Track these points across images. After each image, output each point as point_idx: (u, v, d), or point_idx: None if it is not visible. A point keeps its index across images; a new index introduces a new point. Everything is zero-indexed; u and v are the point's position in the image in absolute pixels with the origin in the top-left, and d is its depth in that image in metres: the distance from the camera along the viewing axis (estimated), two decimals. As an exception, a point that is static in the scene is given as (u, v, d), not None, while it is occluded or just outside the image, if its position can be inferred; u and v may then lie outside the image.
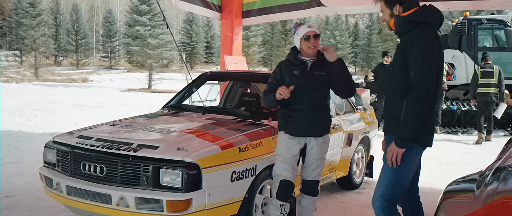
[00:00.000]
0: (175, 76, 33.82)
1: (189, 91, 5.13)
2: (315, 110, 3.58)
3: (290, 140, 3.57)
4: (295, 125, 3.55)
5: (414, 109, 2.77)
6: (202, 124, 4.01)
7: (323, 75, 3.59)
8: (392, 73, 3.06)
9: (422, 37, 2.80)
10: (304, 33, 3.54)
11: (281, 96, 3.41)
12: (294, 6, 7.81)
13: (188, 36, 51.07)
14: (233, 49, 8.06)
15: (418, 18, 2.88)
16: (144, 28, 30.40)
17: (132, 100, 18.12)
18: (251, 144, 3.61)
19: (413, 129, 2.78)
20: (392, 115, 2.96)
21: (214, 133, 3.68)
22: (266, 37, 46.94)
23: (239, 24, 8.18)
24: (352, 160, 5.37)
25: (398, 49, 2.95)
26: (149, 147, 3.29)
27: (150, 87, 25.13)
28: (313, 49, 3.56)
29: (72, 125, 9.85)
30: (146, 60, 27.47)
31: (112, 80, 30.52)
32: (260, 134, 3.84)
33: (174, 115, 4.45)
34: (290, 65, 3.61)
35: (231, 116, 4.34)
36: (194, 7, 7.62)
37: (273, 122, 4.14)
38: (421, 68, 2.77)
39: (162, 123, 4.08)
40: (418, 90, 2.76)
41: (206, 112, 4.49)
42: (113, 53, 49.05)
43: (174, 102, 4.91)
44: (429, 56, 2.78)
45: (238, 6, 8.13)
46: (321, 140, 3.66)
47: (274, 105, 3.62)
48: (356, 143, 5.34)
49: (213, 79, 5.51)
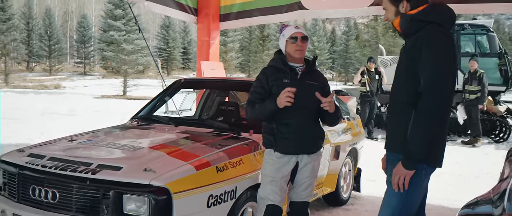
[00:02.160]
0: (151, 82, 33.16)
1: (161, 100, 4.64)
2: (308, 124, 3.13)
3: (279, 159, 3.09)
4: (286, 142, 3.08)
5: (424, 123, 2.35)
6: (175, 138, 3.53)
7: (315, 85, 3.15)
8: (396, 79, 2.64)
9: (433, 38, 2.40)
10: (291, 34, 3.10)
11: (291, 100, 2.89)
12: (274, 9, 7.40)
13: (165, 41, 50.31)
14: (210, 55, 7.61)
15: (428, 16, 2.47)
16: (119, 33, 29.74)
17: (106, 107, 17.51)
18: (231, 162, 3.15)
19: (423, 147, 2.36)
20: (396, 129, 2.54)
21: (188, 150, 3.20)
22: (244, 43, 46.55)
23: (216, 28, 7.73)
24: (340, 174, 4.96)
25: (404, 52, 2.54)
26: (110, 168, 2.80)
27: (125, 93, 24.47)
28: (300, 52, 3.11)
29: (38, 135, 9.26)
30: (121, 66, 26.78)
31: (86, 87, 29.76)
32: (240, 150, 3.38)
33: (143, 128, 3.95)
34: (277, 72, 3.13)
35: (207, 129, 3.87)
36: (168, 9, 7.13)
37: (254, 136, 3.69)
38: (432, 75, 2.36)
39: (128, 138, 3.58)
40: (428, 101, 2.35)
41: (179, 124, 4.01)
42: (87, 58, 48.03)
43: (144, 113, 4.42)
44: (442, 60, 2.37)
45: (215, 9, 7.69)
46: (314, 157, 3.21)
47: (265, 117, 3.11)
48: (343, 156, 4.93)
49: (187, 87, 5.02)
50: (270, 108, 2.99)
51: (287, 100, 2.89)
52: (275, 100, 2.95)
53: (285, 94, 2.89)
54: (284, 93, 2.90)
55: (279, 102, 2.93)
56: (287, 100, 2.89)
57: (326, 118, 3.19)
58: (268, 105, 3.00)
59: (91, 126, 10.08)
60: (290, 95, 2.88)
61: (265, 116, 3.07)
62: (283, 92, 2.90)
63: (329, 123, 3.28)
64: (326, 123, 3.27)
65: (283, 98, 2.89)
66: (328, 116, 3.14)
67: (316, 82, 3.17)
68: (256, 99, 3.10)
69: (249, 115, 3.14)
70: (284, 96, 2.89)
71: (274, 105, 2.96)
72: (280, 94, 2.92)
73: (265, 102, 3.03)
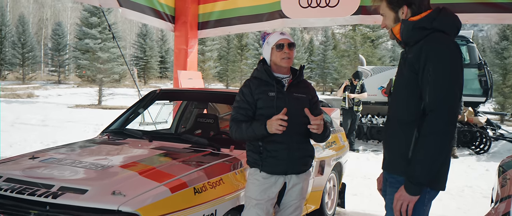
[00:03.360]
0: (128, 91, 32.61)
1: (134, 112, 4.32)
2: (297, 141, 2.85)
3: (266, 180, 2.81)
4: (274, 161, 2.79)
5: (432, 145, 2.10)
6: (148, 155, 3.22)
7: (303, 98, 2.89)
8: (396, 94, 2.39)
9: (439, 49, 2.15)
10: (276, 41, 2.83)
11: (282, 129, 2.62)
12: (255, 17, 7.17)
13: (142, 50, 49.68)
14: (188, 64, 7.32)
15: (433, 24, 2.23)
16: (94, 41, 29.13)
17: (80, 117, 17.00)
18: (210, 183, 2.85)
19: (430, 171, 2.12)
20: (397, 149, 2.28)
21: (163, 169, 2.90)
22: (222, 52, 46.33)
23: (194, 36, 7.46)
24: (324, 191, 4.70)
25: (405, 63, 2.28)
26: (74, 191, 2.48)
27: (100, 103, 23.89)
28: (287, 61, 2.84)
29: (6, 148, 8.80)
30: (96, 75, 26.18)
31: (59, 96, 29.08)
32: (220, 168, 3.09)
33: (114, 143, 3.62)
34: (262, 85, 2.85)
35: (184, 144, 3.57)
36: (144, 17, 6.83)
37: (236, 152, 3.42)
38: (440, 90, 2.12)
39: (96, 155, 3.25)
40: (438, 119, 2.10)
41: (153, 138, 3.70)
42: (62, 67, 47.04)
43: (115, 126, 4.09)
44: (450, 74, 2.13)
45: (193, 17, 7.43)
46: (303, 177, 2.93)
47: (252, 140, 2.81)
48: (328, 171, 4.68)
49: (163, 99, 4.71)
50: (260, 132, 2.70)
51: (278, 129, 2.62)
52: (265, 124, 2.67)
53: (277, 122, 2.61)
54: (276, 120, 2.62)
55: (269, 128, 2.65)
56: (278, 129, 2.62)
57: (314, 135, 2.92)
58: (257, 129, 2.71)
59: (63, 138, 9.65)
60: (282, 123, 2.61)
61: (253, 139, 2.79)
62: (275, 120, 2.62)
63: (317, 140, 3.01)
64: (314, 140, 3.01)
65: (274, 126, 2.62)
66: (317, 135, 2.88)
67: (304, 95, 2.91)
68: (241, 116, 2.82)
69: (234, 136, 2.83)
70: (275, 124, 2.61)
71: (264, 129, 2.68)
72: (271, 121, 2.64)
73: (253, 124, 2.73)
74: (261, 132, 2.69)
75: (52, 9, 67.93)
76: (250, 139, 2.80)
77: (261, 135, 2.71)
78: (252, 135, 2.73)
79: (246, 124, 2.76)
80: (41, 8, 65.72)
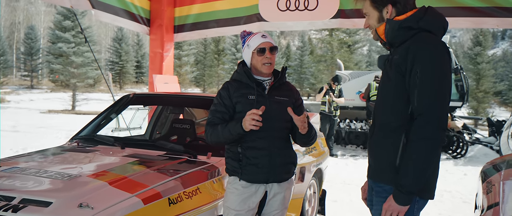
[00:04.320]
0: (103, 96, 32.08)
1: (106, 118, 4.11)
2: (278, 147, 2.68)
3: (245, 189, 2.64)
4: (254, 169, 2.62)
5: (423, 152, 1.98)
6: (120, 163, 3.02)
7: (285, 101, 2.73)
8: (382, 99, 2.26)
9: (427, 49, 2.04)
10: (258, 45, 2.67)
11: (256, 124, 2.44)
12: (232, 20, 7.04)
13: (117, 54, 49.01)
14: (164, 68, 7.15)
15: (419, 23, 2.12)
16: (68, 45, 28.54)
17: (52, 123, 16.57)
18: (186, 193, 2.68)
19: (420, 179, 2.00)
20: (384, 156, 2.16)
21: (135, 178, 2.71)
22: (199, 57, 46.03)
23: (170, 40, 7.28)
24: (305, 198, 4.56)
25: (391, 66, 2.16)
26: (37, 204, 2.28)
27: (73, 108, 23.40)
28: (268, 67, 2.68)
29: (-28, 155, 8.42)
30: (70, 80, 25.65)
31: (32, 101, 28.42)
32: (197, 176, 2.92)
33: (83, 151, 3.40)
34: (241, 87, 2.68)
35: (158, 151, 3.39)
36: (118, 19, 6.62)
37: (213, 159, 3.25)
38: (430, 93, 2.00)
39: (64, 164, 3.04)
40: (427, 124, 1.99)
41: (126, 145, 3.51)
42: (35, 71, 46.06)
43: (86, 133, 3.88)
44: (440, 75, 2.02)
45: (169, 19, 7.26)
46: (285, 185, 2.77)
47: (229, 141, 2.63)
48: (309, 178, 4.55)
49: (137, 103, 4.51)
50: (236, 132, 2.53)
51: (252, 124, 2.45)
52: (241, 122, 2.50)
53: (250, 116, 2.44)
54: (249, 115, 2.45)
55: (244, 125, 2.49)
56: (252, 124, 2.45)
57: (299, 138, 2.76)
58: (233, 128, 2.54)
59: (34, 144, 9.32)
60: (255, 117, 2.43)
61: (230, 140, 2.61)
62: (248, 114, 2.46)
63: (302, 144, 2.85)
64: (299, 143, 2.85)
65: (248, 121, 2.45)
66: (302, 136, 2.72)
67: (286, 98, 2.75)
68: (217, 119, 2.65)
69: (210, 139, 2.66)
70: (249, 119, 2.45)
71: (239, 128, 2.50)
72: (246, 116, 2.48)
73: (229, 124, 2.57)
74: (237, 131, 2.51)
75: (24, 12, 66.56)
76: (227, 142, 2.63)
77: (237, 135, 2.54)
78: (229, 136, 2.56)
79: (221, 126, 2.59)
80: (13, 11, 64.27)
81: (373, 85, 10.51)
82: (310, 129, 2.70)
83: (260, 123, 2.44)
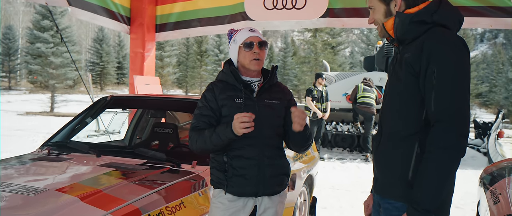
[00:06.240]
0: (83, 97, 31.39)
1: (81, 122, 3.78)
2: (269, 157, 2.39)
3: (232, 203, 2.35)
4: (242, 180, 2.33)
5: (442, 164, 1.72)
6: (94, 174, 2.70)
7: (277, 105, 2.46)
8: (388, 102, 2.00)
9: (444, 46, 1.78)
10: (245, 39, 2.39)
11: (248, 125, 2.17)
12: (216, 19, 6.74)
13: (98, 55, 48.24)
14: (145, 68, 6.82)
15: (433, 17, 1.86)
16: (46, 45, 27.90)
17: (30, 125, 16.07)
18: (168, 208, 2.38)
19: (439, 195, 1.74)
20: (394, 169, 1.90)
21: (110, 192, 2.39)
22: (181, 58, 45.58)
23: (151, 39, 6.96)
24: (295, 206, 4.29)
25: (401, 64, 1.90)
26: (-5, 224, 1.97)
27: (52, 110, 22.85)
28: (257, 63, 2.40)
29: None
30: (48, 81, 25.05)
31: (9, 102, 27.72)
32: (180, 188, 2.62)
33: (54, 160, 3.06)
34: (227, 89, 2.40)
35: (138, 160, 3.08)
36: (96, 17, 6.28)
37: (199, 168, 2.96)
38: (449, 95, 1.74)
39: (30, 175, 2.71)
40: (447, 131, 1.72)
41: (102, 153, 3.18)
42: (13, 72, 45.08)
43: (58, 139, 3.54)
44: (460, 75, 1.76)
45: (151, 18, 6.93)
46: (277, 199, 2.48)
47: (218, 148, 2.33)
48: (299, 185, 4.28)
49: (116, 106, 4.17)
50: (226, 137, 2.24)
51: (243, 127, 2.17)
52: (231, 125, 2.22)
53: (238, 121, 2.17)
54: (237, 119, 2.17)
55: (234, 129, 2.20)
56: (243, 127, 2.17)
57: (294, 140, 2.48)
58: (223, 133, 2.25)
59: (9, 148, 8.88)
60: (245, 120, 2.15)
61: (219, 147, 2.31)
62: (236, 119, 2.18)
63: (298, 147, 2.56)
64: (295, 147, 2.56)
65: (238, 125, 2.17)
66: (298, 138, 2.43)
67: (278, 101, 2.47)
68: (203, 124, 2.36)
69: (195, 146, 2.36)
70: (238, 123, 2.17)
71: (230, 132, 2.22)
72: (234, 120, 2.20)
73: (217, 129, 2.28)
74: (228, 135, 2.23)
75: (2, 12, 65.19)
76: (215, 149, 2.33)
77: (228, 141, 2.26)
78: (218, 142, 2.27)
79: (209, 131, 2.29)
80: (-9, 11, 62.93)
81: (360, 87, 10.31)
82: (306, 128, 2.43)
83: (251, 123, 2.17)
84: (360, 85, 10.37)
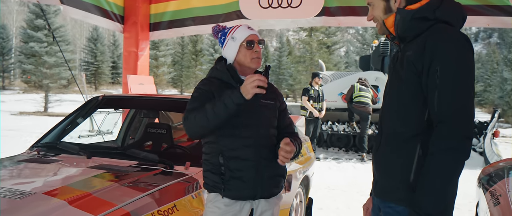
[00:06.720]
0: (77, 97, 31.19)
1: (72, 122, 3.69)
2: (266, 157, 2.30)
3: (229, 208, 2.26)
4: (239, 183, 2.24)
5: (446, 166, 1.65)
6: (84, 177, 2.62)
7: (272, 105, 2.38)
8: (389, 103, 1.93)
9: (448, 43, 1.72)
10: (246, 37, 2.30)
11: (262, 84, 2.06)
12: (210, 18, 6.67)
13: (92, 55, 48.00)
14: (139, 68, 6.73)
15: (435, 13, 1.80)
16: (40, 44, 27.68)
17: (23, 125, 15.93)
18: (160, 211, 2.30)
19: (443, 199, 1.67)
20: (395, 171, 1.83)
21: (100, 195, 2.31)
22: (176, 57, 45.42)
23: (145, 38, 6.87)
24: (291, 208, 4.22)
25: (402, 63, 1.84)
26: (-22, 230, 1.89)
27: (46, 110, 22.69)
28: (257, 61, 2.32)
29: None
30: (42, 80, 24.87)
31: (3, 102, 27.49)
32: (173, 191, 2.54)
33: (43, 161, 2.97)
34: (223, 87, 2.30)
35: (130, 161, 2.99)
36: (89, 16, 6.19)
37: (192, 169, 2.88)
38: (452, 95, 1.68)
39: (18, 178, 2.63)
40: (450, 133, 1.66)
41: (93, 154, 3.10)
42: (6, 72, 44.79)
43: (48, 139, 3.45)
44: (464, 74, 1.70)
45: (144, 17, 6.85)
46: (274, 201, 2.40)
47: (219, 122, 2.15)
48: (295, 186, 4.21)
49: (107, 106, 4.08)
50: (233, 101, 2.09)
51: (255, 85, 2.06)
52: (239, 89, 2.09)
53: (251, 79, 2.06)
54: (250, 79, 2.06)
55: (246, 93, 2.07)
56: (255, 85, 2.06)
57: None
58: (228, 98, 2.10)
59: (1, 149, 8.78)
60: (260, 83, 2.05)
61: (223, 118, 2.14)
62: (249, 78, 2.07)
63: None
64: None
65: (250, 84, 2.06)
66: None
67: (272, 101, 2.40)
68: (199, 103, 2.23)
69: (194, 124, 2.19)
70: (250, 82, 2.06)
71: (238, 95, 2.08)
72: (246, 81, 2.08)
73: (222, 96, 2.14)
74: (236, 100, 2.08)
75: (-4, 11, 64.76)
76: (217, 124, 2.16)
77: (234, 108, 2.10)
78: (223, 111, 2.11)
79: (210, 103, 2.15)
80: (-16, 10, 62.49)
81: (356, 87, 10.25)
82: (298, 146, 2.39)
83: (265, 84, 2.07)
84: (356, 85, 10.32)
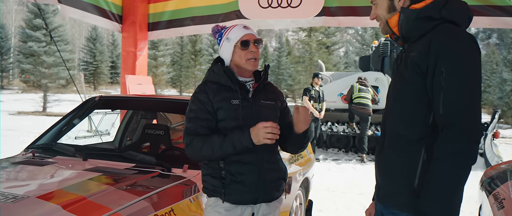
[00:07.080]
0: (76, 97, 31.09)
1: (68, 124, 3.63)
2: (267, 160, 2.25)
3: (230, 213, 2.19)
4: (240, 187, 2.18)
5: (452, 172, 1.59)
6: (79, 180, 2.56)
7: (272, 105, 2.32)
8: (393, 105, 1.88)
9: (454, 43, 1.67)
10: (241, 37, 2.24)
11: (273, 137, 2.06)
12: (209, 18, 6.60)
13: (91, 55, 47.92)
14: (137, 68, 6.66)
15: (441, 13, 1.74)
16: (39, 44, 27.58)
17: (21, 125, 15.86)
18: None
19: (449, 205, 1.61)
20: (399, 176, 1.77)
21: (95, 199, 2.24)
22: (175, 57, 45.34)
23: (144, 38, 6.80)
24: (291, 211, 4.16)
25: (407, 64, 1.78)
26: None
27: (44, 109, 22.61)
28: (254, 62, 2.26)
29: None
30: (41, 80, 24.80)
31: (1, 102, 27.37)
32: (171, 195, 2.48)
33: (38, 163, 2.90)
34: (222, 90, 2.23)
35: (127, 164, 2.93)
36: (87, 15, 6.13)
37: (190, 172, 2.82)
38: (459, 98, 1.63)
39: (11, 181, 2.56)
40: (457, 137, 1.60)
41: (89, 156, 3.04)
42: (5, 71, 44.72)
43: (44, 141, 3.39)
44: (470, 75, 1.64)
45: (143, 16, 6.78)
46: (275, 205, 2.34)
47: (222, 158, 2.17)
48: (295, 188, 4.15)
49: (104, 107, 4.02)
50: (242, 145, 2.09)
51: (268, 137, 2.05)
52: (248, 132, 2.08)
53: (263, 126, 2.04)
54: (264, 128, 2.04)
55: (255, 138, 2.06)
56: (268, 137, 2.05)
57: (295, 141, 2.32)
58: (237, 140, 2.09)
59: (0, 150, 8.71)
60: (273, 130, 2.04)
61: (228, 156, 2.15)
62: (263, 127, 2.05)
63: (297, 149, 2.41)
64: (293, 149, 2.42)
65: (262, 133, 2.04)
66: (299, 138, 2.27)
67: (273, 101, 2.34)
68: (203, 129, 2.18)
69: (199, 155, 2.18)
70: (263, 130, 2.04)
71: (248, 140, 2.08)
72: (256, 128, 2.06)
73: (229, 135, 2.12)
74: (245, 143, 2.08)
75: (-5, 11, 64.67)
76: (221, 158, 2.16)
77: (243, 150, 2.11)
78: (230, 150, 2.10)
79: (218, 137, 2.12)
80: (-17, 10, 62.38)
81: (356, 87, 10.19)
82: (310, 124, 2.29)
83: (277, 135, 2.05)
84: (356, 85, 10.26)
